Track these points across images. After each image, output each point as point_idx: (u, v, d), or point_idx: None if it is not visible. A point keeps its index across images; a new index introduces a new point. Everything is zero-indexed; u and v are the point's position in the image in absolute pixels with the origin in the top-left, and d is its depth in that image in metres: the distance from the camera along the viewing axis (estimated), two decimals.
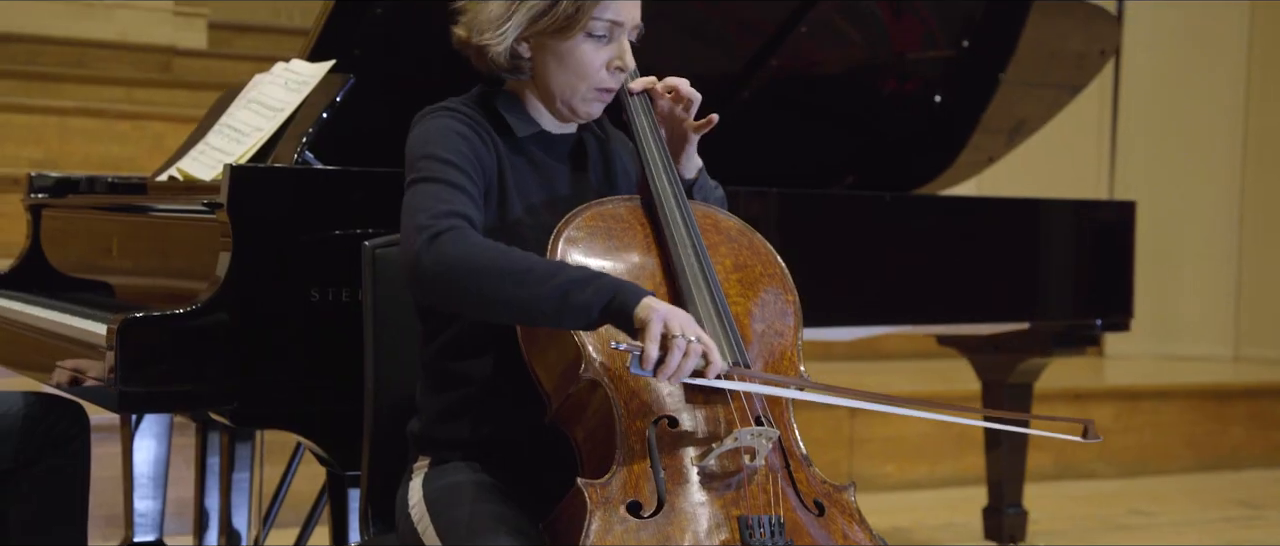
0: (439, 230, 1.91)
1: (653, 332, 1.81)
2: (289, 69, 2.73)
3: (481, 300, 1.89)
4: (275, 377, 2.35)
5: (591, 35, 2.06)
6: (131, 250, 2.81)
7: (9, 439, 2.55)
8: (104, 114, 5.56)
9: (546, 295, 1.85)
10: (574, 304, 1.85)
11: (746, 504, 1.89)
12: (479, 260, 1.88)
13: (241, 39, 7.30)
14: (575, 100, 2.11)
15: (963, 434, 5.12)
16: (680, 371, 1.83)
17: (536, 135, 2.15)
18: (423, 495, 2.05)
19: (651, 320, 1.82)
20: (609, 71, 2.09)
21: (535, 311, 1.87)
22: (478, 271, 1.88)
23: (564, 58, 2.07)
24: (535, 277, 1.86)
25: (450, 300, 1.93)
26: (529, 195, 2.11)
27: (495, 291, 1.87)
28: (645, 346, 1.81)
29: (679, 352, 1.82)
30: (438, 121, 2.08)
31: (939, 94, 3.85)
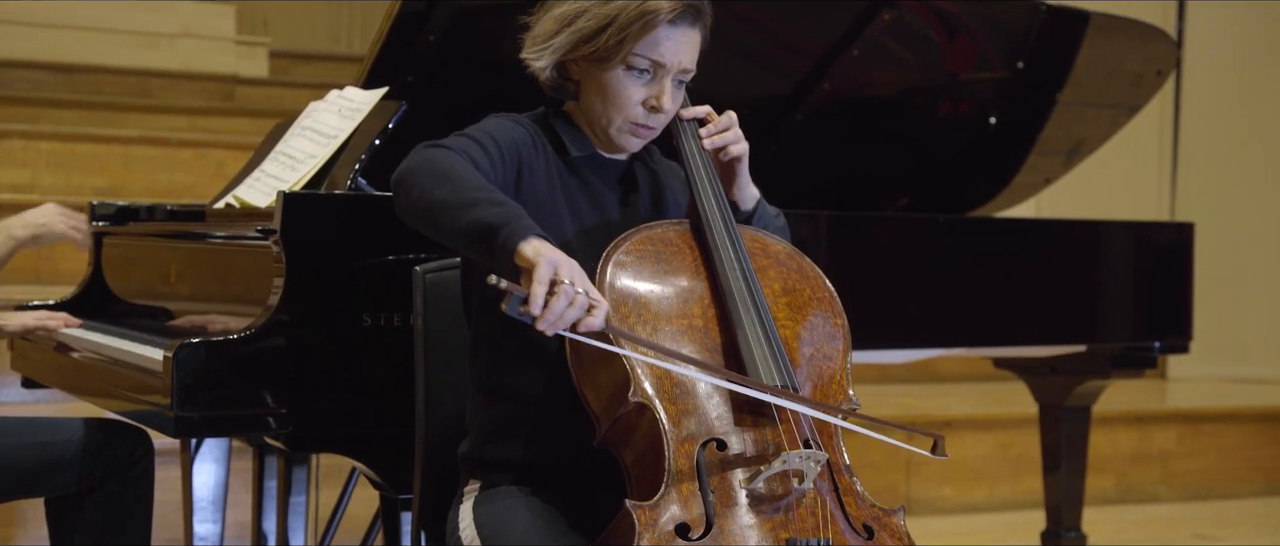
0: (436, 144, 1.97)
1: (540, 275, 1.76)
2: (343, 96, 2.77)
3: (416, 198, 1.90)
4: (328, 402, 2.37)
5: (631, 68, 2.07)
6: (190, 276, 2.86)
7: (73, 464, 2.60)
8: (167, 142, 5.65)
9: (457, 201, 1.85)
10: (471, 216, 1.83)
11: (795, 526, 1.88)
12: (440, 165, 1.91)
13: (302, 67, 7.40)
14: (610, 130, 2.12)
15: (1021, 456, 5.08)
16: (563, 320, 1.79)
17: (589, 157, 2.17)
18: (473, 518, 2.06)
19: (539, 263, 1.77)
20: (645, 110, 2.09)
21: (443, 216, 1.86)
22: (429, 172, 1.90)
23: (603, 86, 2.09)
24: (461, 185, 1.87)
25: (398, 197, 1.94)
26: (581, 217, 2.13)
27: (426, 191, 1.89)
28: (533, 288, 1.76)
29: (564, 301, 1.77)
30: (498, 119, 2.13)
31: (994, 115, 3.83)
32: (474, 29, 2.82)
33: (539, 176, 2.10)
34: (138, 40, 6.55)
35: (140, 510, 2.68)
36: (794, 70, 3.46)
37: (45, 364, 3.04)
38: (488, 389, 2.13)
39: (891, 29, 3.43)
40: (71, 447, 2.61)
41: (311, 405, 2.37)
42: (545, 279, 1.77)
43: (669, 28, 2.05)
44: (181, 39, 6.67)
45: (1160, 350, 3.69)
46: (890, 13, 3.37)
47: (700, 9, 2.08)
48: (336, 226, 2.43)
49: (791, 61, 3.45)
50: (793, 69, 3.46)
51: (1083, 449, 3.87)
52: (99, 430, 2.65)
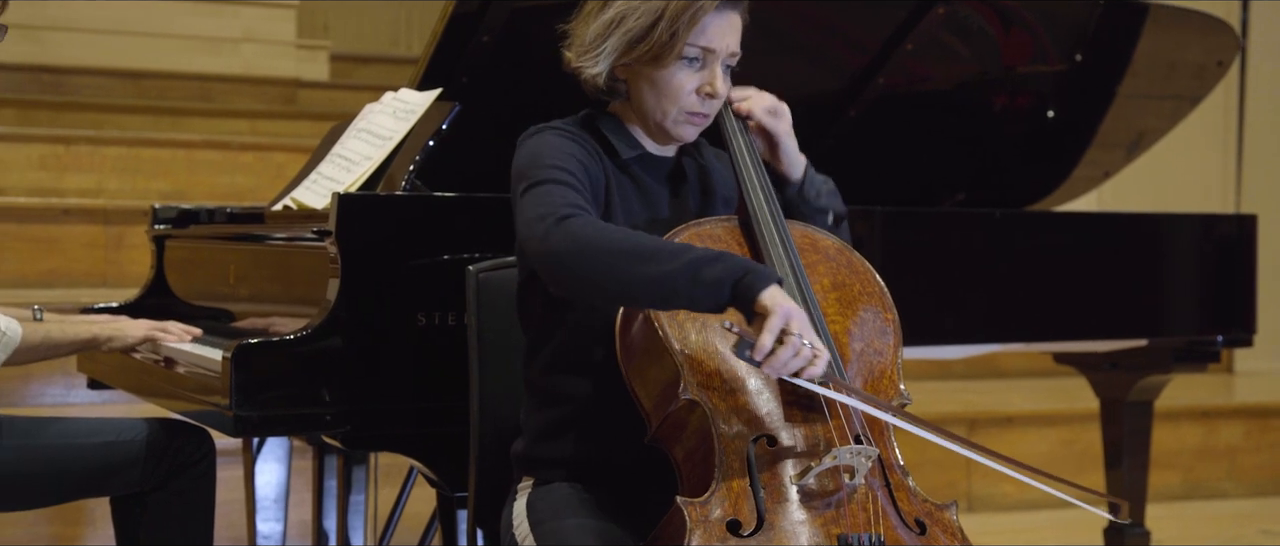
0: (564, 214, 1.93)
1: (772, 325, 1.81)
2: (398, 98, 2.79)
3: (614, 278, 1.89)
4: (383, 400, 2.40)
5: (682, 58, 2.08)
6: (249, 278, 2.89)
7: (138, 463, 2.65)
8: (229, 146, 5.71)
9: (677, 272, 1.85)
10: (705, 280, 1.84)
11: (846, 522, 1.88)
12: (609, 240, 1.90)
13: (362, 69, 7.46)
14: (666, 123, 2.13)
15: (1084, 451, 5.03)
16: (785, 368, 1.83)
17: (639, 157, 2.17)
18: (526, 515, 2.08)
19: (774, 312, 1.81)
20: (699, 97, 2.10)
21: (667, 288, 1.86)
22: (609, 251, 1.89)
23: (656, 82, 2.10)
24: (665, 255, 1.87)
25: (584, 280, 1.92)
26: (633, 215, 2.14)
27: (627, 269, 1.88)
28: (761, 336, 1.81)
29: (791, 351, 1.82)
30: (546, 137, 2.12)
31: (1052, 108, 3.80)
32: (527, 29, 2.84)
33: (599, 184, 2.11)
34: (201, 45, 6.63)
35: (203, 508, 2.72)
36: (848, 66, 3.44)
37: (111, 366, 3.09)
38: (540, 391, 2.15)
39: (946, 23, 3.41)
40: (136, 447, 2.65)
41: (367, 404, 2.39)
42: (775, 329, 1.81)
43: (715, 14, 2.06)
44: (243, 43, 6.74)
45: (1223, 344, 3.64)
46: (944, 7, 3.35)
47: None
48: (391, 227, 2.45)
49: (846, 57, 3.44)
50: (847, 65, 3.44)
51: (1145, 444, 3.83)
52: (162, 430, 2.69)
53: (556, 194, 1.99)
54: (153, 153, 5.60)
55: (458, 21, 2.81)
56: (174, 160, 5.61)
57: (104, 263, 4.95)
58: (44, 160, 5.40)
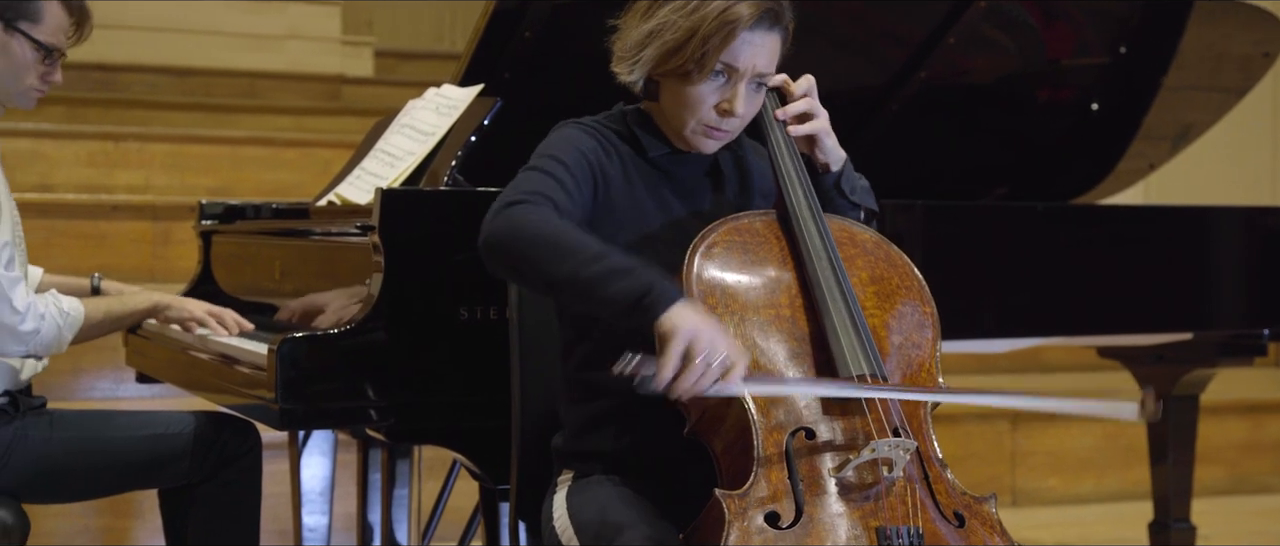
0: (516, 200, 1.96)
1: (672, 352, 1.79)
2: (440, 94, 2.81)
3: (533, 269, 1.91)
4: (426, 394, 2.42)
5: (706, 72, 2.06)
6: (294, 272, 2.92)
7: (185, 456, 2.68)
8: (274, 142, 5.75)
9: (586, 277, 1.86)
10: (609, 293, 1.85)
11: (885, 515, 1.89)
12: (537, 231, 1.91)
13: (406, 65, 7.50)
14: (686, 132, 2.13)
15: (1130, 446, 5.00)
16: (697, 389, 1.81)
17: (668, 154, 2.18)
18: (567, 507, 2.09)
19: (674, 338, 1.80)
20: (718, 114, 2.10)
21: (580, 290, 1.88)
22: (532, 241, 1.91)
23: (677, 92, 2.10)
24: (581, 258, 1.87)
25: (507, 266, 1.96)
26: (669, 209, 2.15)
27: (539, 262, 1.90)
28: (660, 365, 1.80)
29: (695, 375, 1.80)
30: (565, 130, 2.14)
31: (1096, 101, 3.78)
32: (568, 25, 2.85)
33: (615, 180, 2.12)
34: (247, 42, 6.68)
35: (249, 501, 2.75)
36: (890, 60, 3.44)
37: (159, 360, 3.13)
38: (579, 386, 2.16)
39: (988, 16, 3.40)
40: (183, 440, 2.69)
41: (411, 397, 2.41)
42: (676, 355, 1.80)
43: (748, 33, 2.04)
44: (289, 40, 6.79)
45: (1269, 337, 3.61)
46: (986, 0, 3.34)
47: (779, 11, 2.07)
48: (434, 222, 2.47)
49: (888, 51, 3.44)
50: (889, 59, 3.44)
51: (1191, 438, 3.81)
52: (209, 423, 2.72)
53: (528, 181, 2.02)
54: (200, 149, 5.65)
55: (500, 18, 2.83)
56: (220, 156, 5.67)
57: (152, 258, 5.00)
58: (93, 157, 5.46)
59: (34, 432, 2.61)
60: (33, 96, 2.67)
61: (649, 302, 1.84)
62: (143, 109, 6.14)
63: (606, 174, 2.10)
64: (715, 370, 1.81)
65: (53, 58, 2.65)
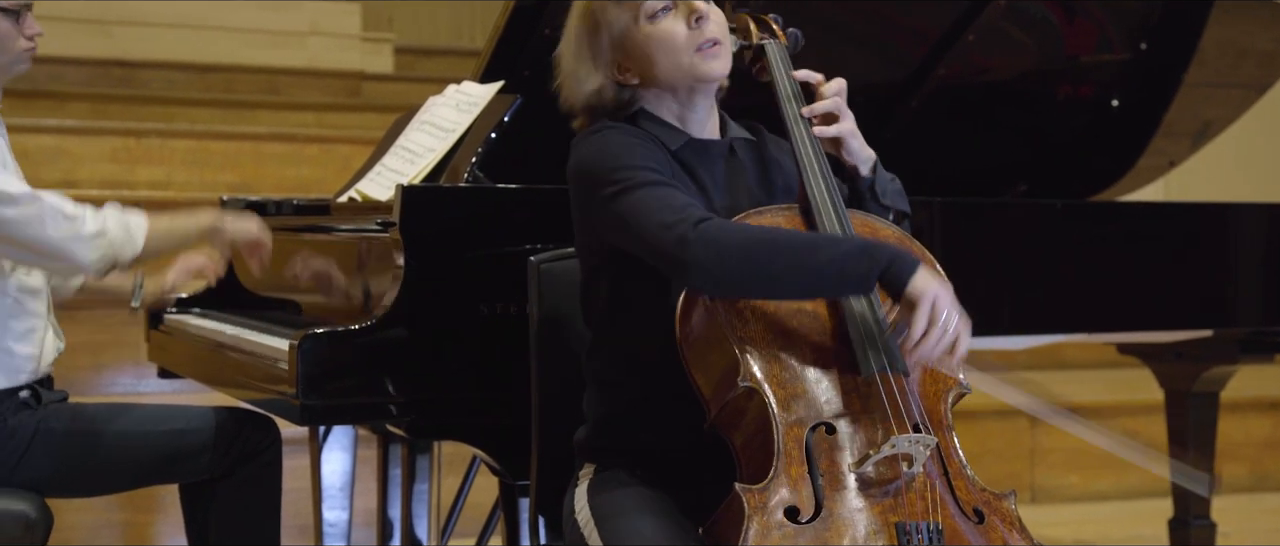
0: (695, 219, 1.94)
1: (920, 315, 1.87)
2: (460, 91, 2.82)
3: (766, 276, 1.93)
4: (447, 390, 2.43)
5: (655, 17, 2.10)
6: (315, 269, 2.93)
7: (206, 451, 2.70)
8: (295, 138, 5.78)
9: (824, 267, 1.91)
10: (852, 274, 1.92)
11: (904, 510, 1.89)
12: (748, 239, 1.94)
13: (426, 62, 7.51)
14: (688, 69, 2.12)
15: (1149, 442, 4.98)
16: (932, 355, 1.89)
17: (687, 145, 2.17)
18: (588, 501, 2.10)
19: (921, 302, 1.88)
20: (692, 27, 2.11)
21: (817, 282, 1.94)
22: (752, 250, 1.92)
23: (652, 51, 2.11)
24: (809, 250, 1.92)
25: (734, 281, 1.95)
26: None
27: (775, 266, 1.92)
28: (912, 326, 1.88)
29: (936, 337, 1.88)
30: (611, 136, 2.11)
31: (1116, 98, 3.78)
32: None
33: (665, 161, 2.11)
34: (267, 39, 6.70)
35: (270, 496, 2.76)
36: (909, 57, 3.44)
37: (180, 355, 3.15)
38: (603, 380, 2.17)
39: (1008, 13, 3.40)
40: (204, 435, 2.70)
41: (431, 393, 2.42)
42: (923, 319, 1.88)
43: None
44: (309, 37, 6.81)
45: None
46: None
47: None
48: (454, 218, 2.48)
49: (907, 48, 3.44)
50: (908, 56, 3.44)
51: (1211, 436, 3.80)
52: (230, 419, 2.73)
53: (668, 197, 1.99)
54: (221, 145, 5.68)
55: (519, 14, 2.84)
56: (241, 152, 5.69)
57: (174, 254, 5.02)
58: (115, 153, 5.49)
59: (56, 426, 2.63)
60: (27, 57, 2.68)
61: (897, 271, 1.90)
62: (164, 105, 6.17)
63: (664, 163, 2.09)
64: (949, 337, 1.89)
65: (22, 15, 2.65)
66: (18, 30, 2.63)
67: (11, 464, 2.58)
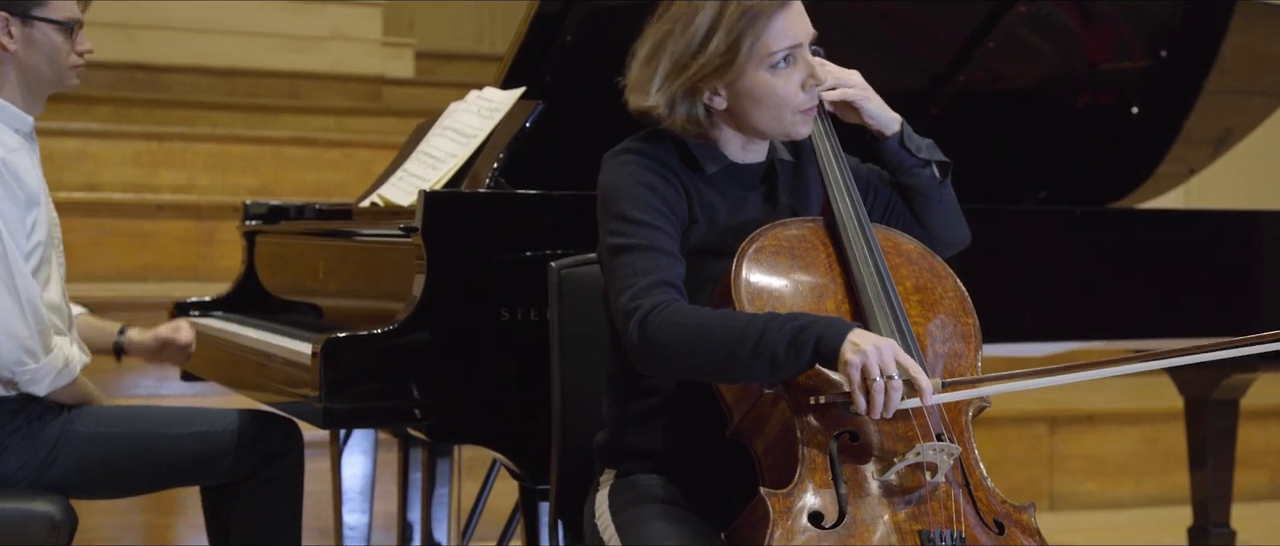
0: (646, 312, 1.96)
1: (854, 383, 1.85)
2: (482, 97, 2.84)
3: (704, 371, 1.97)
4: (468, 394, 2.44)
5: (774, 68, 2.07)
6: (337, 273, 2.95)
7: (228, 454, 2.71)
8: (316, 142, 5.80)
9: (756, 365, 1.90)
10: (783, 365, 1.90)
11: (927, 519, 1.90)
12: (685, 341, 1.93)
13: (446, 66, 7.53)
14: (785, 128, 2.12)
15: (1168, 451, 4.98)
16: (888, 408, 1.86)
17: (725, 168, 2.16)
18: (608, 506, 2.11)
19: (850, 369, 1.85)
20: (805, 91, 2.10)
21: (752, 374, 1.93)
22: (686, 351, 1.94)
23: (759, 97, 2.08)
24: (744, 349, 1.90)
25: (675, 372, 2.02)
26: (717, 223, 2.14)
27: (707, 367, 1.95)
28: (853, 398, 1.86)
29: (880, 395, 1.85)
30: (625, 171, 2.10)
31: (1136, 105, 3.77)
32: (609, 28, 2.87)
33: (679, 208, 2.10)
34: (289, 43, 6.73)
35: (291, 499, 2.78)
36: (929, 64, 3.44)
37: (203, 358, 3.16)
38: (624, 385, 2.17)
39: (1028, 20, 3.40)
40: (227, 438, 2.72)
41: (452, 397, 2.44)
42: (857, 384, 1.85)
43: (782, 10, 2.06)
44: (331, 41, 6.83)
45: None
46: (1026, 5, 3.34)
47: None
48: (476, 223, 2.49)
49: (927, 55, 3.44)
50: (928, 62, 3.44)
51: (1231, 443, 3.79)
52: (252, 421, 2.75)
53: (639, 269, 2.01)
54: (242, 149, 5.70)
55: (541, 21, 2.85)
56: (262, 156, 5.72)
57: (196, 257, 5.06)
58: (138, 156, 5.52)
59: (80, 428, 2.65)
60: (75, 74, 2.71)
61: (825, 351, 1.88)
62: (186, 109, 6.20)
63: (674, 207, 2.09)
64: (896, 383, 1.85)
65: (75, 30, 2.68)
66: (70, 45, 2.67)
67: (38, 466, 2.60)
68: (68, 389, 2.63)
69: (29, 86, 2.67)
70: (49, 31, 2.64)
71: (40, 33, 2.64)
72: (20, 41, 2.63)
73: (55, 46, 2.66)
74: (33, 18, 2.63)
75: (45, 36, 2.64)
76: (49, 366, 2.57)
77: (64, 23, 2.66)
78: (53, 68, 2.67)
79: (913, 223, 2.27)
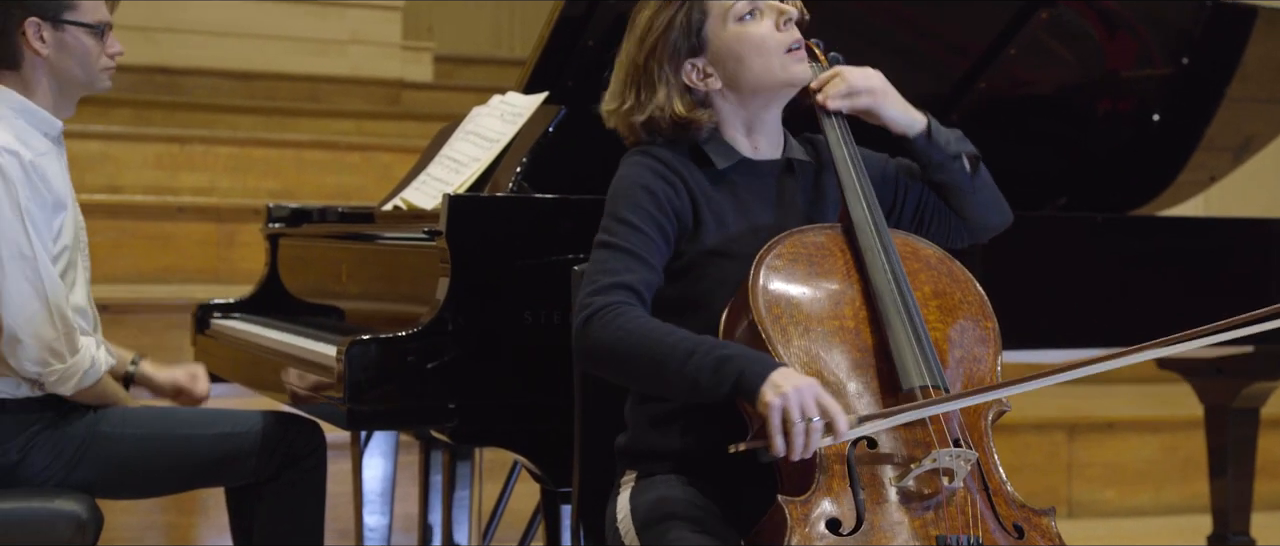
0: (593, 311, 2.02)
1: (773, 425, 1.87)
2: (505, 101, 2.85)
3: (629, 381, 2.06)
4: (491, 396, 2.45)
5: (740, 19, 2.10)
6: (360, 276, 2.97)
7: (252, 455, 2.73)
8: (336, 146, 5.82)
9: (679, 384, 1.96)
10: (704, 390, 1.94)
11: (945, 524, 1.91)
12: (621, 346, 1.99)
13: (465, 70, 7.55)
14: (777, 74, 2.13)
15: (1188, 458, 4.97)
16: (807, 451, 1.88)
17: (738, 164, 2.19)
18: (629, 508, 2.12)
19: (769, 414, 1.87)
20: (781, 29, 2.12)
21: (674, 395, 2.02)
22: (620, 356, 1.99)
23: (739, 51, 2.12)
24: (670, 366, 1.95)
25: (603, 375, 2.08)
26: (726, 227, 2.15)
27: (636, 376, 2.02)
28: (770, 442, 1.87)
29: (800, 438, 1.86)
30: (631, 172, 2.15)
31: (1157, 112, 3.77)
32: None
33: (684, 207, 2.13)
34: (309, 47, 6.75)
35: (314, 500, 2.79)
36: (950, 70, 3.45)
37: (227, 360, 3.18)
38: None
39: (1050, 27, 3.40)
40: (251, 439, 2.74)
41: (475, 399, 2.45)
42: (777, 428, 1.87)
43: None
44: (350, 45, 6.85)
45: None
46: (1048, 11, 3.34)
47: None
48: (499, 227, 2.50)
49: (947, 61, 3.45)
50: (949, 69, 3.45)
51: (1251, 452, 3.79)
52: (276, 423, 2.77)
53: (608, 268, 2.06)
54: (263, 152, 5.72)
55: (564, 25, 2.86)
56: (283, 160, 5.74)
57: (216, 259, 5.08)
58: (159, 159, 5.55)
59: (107, 429, 2.67)
60: (107, 76, 2.74)
61: (745, 387, 1.90)
62: (207, 112, 6.23)
63: (672, 213, 2.11)
64: (816, 425, 1.86)
65: (105, 33, 2.70)
66: (101, 47, 2.69)
67: (64, 465, 2.62)
68: (93, 389, 2.65)
69: (60, 90, 2.70)
70: (80, 35, 2.66)
71: (71, 36, 2.66)
72: (52, 45, 2.65)
73: (86, 49, 2.68)
74: (63, 21, 2.65)
75: (76, 40, 2.67)
76: (75, 367, 2.59)
77: (94, 26, 2.68)
78: (85, 71, 2.69)
79: (948, 213, 2.28)
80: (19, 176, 2.54)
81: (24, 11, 2.63)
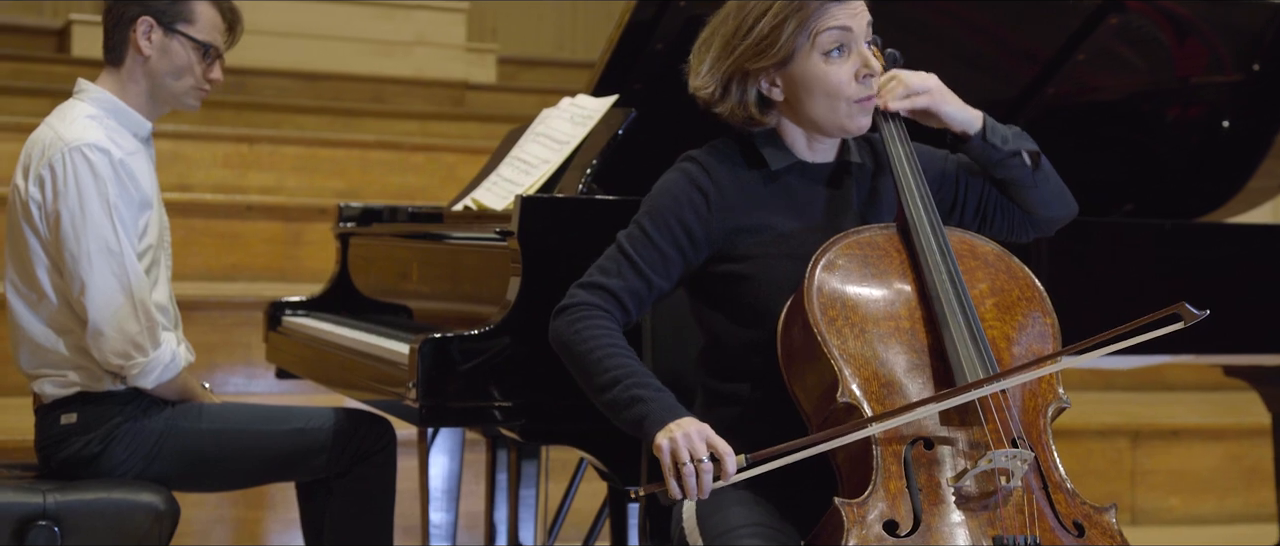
0: (567, 304, 2.14)
1: (665, 467, 1.95)
2: (575, 104, 2.88)
3: (575, 378, 2.13)
4: (560, 395, 2.47)
5: (827, 54, 2.11)
6: (429, 275, 3.00)
7: (324, 450, 2.77)
8: (400, 146, 5.87)
9: (602, 406, 2.08)
10: (618, 418, 2.05)
11: (1002, 524, 1.91)
12: (570, 348, 2.11)
13: (528, 72, 7.59)
14: (840, 119, 2.15)
15: (1254, 466, 4.93)
16: (701, 490, 1.94)
17: (792, 166, 2.20)
18: (695, 508, 2.14)
19: (661, 456, 1.96)
20: (859, 81, 2.13)
21: (600, 408, 2.09)
22: (568, 356, 2.12)
23: (811, 85, 2.13)
24: (594, 385, 2.07)
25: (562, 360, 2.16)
26: (776, 228, 2.17)
27: (577, 379, 2.12)
28: (666, 485, 1.95)
29: (691, 479, 1.93)
30: (674, 184, 2.20)
31: (1227, 119, 3.75)
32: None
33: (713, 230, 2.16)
34: (374, 48, 6.81)
35: (384, 496, 2.83)
36: (1019, 76, 3.44)
37: (297, 356, 3.23)
38: (711, 391, 2.21)
39: (1119, 32, 3.39)
40: (323, 435, 2.78)
41: (545, 398, 2.48)
42: (670, 471, 1.95)
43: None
44: (416, 47, 6.91)
45: None
46: (1118, 16, 3.33)
47: None
48: (569, 228, 2.53)
49: (1016, 67, 3.44)
50: (1018, 74, 3.44)
51: None
52: (347, 419, 2.81)
53: (607, 268, 2.16)
54: (329, 152, 5.78)
55: (633, 29, 2.89)
56: (349, 160, 5.79)
57: (283, 258, 5.14)
58: (228, 158, 5.62)
59: (184, 424, 2.72)
60: (197, 96, 2.78)
61: (645, 432, 2.00)
62: (275, 112, 6.30)
63: (693, 232, 2.15)
64: (705, 466, 1.93)
65: (210, 55, 2.75)
66: (203, 68, 2.74)
67: (143, 457, 2.68)
68: (172, 384, 2.70)
69: (151, 95, 2.75)
70: (187, 47, 2.71)
71: (178, 45, 2.71)
72: (157, 48, 2.70)
73: (188, 63, 2.72)
74: (175, 30, 2.70)
75: (182, 50, 2.71)
76: (157, 361, 2.64)
77: (203, 43, 2.72)
78: (178, 82, 2.73)
79: (1012, 208, 2.29)
80: (108, 173, 2.60)
81: (142, 8, 2.68)
